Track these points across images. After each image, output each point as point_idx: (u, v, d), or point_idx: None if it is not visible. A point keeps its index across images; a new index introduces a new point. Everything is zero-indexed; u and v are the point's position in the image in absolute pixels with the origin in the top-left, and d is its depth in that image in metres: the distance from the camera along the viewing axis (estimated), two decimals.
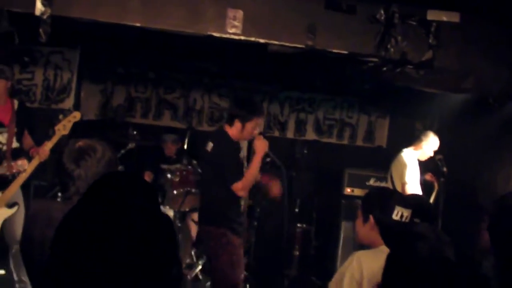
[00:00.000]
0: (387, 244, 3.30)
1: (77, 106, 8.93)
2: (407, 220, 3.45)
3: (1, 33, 6.85)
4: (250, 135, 5.67)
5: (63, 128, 5.69)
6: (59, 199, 7.25)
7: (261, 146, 5.58)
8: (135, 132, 8.13)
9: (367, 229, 3.57)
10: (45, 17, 5.91)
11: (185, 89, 9.76)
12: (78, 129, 6.04)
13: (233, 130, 5.58)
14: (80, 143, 3.23)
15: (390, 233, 3.39)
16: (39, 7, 5.89)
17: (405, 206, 3.49)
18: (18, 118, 6.04)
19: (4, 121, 5.96)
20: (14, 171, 5.80)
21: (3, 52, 8.67)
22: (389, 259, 2.44)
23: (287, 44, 6.20)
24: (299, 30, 6.16)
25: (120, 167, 7.18)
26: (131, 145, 7.86)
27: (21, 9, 5.97)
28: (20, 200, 5.95)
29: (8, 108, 6.01)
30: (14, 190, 5.77)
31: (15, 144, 6.01)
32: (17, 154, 5.96)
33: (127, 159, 7.82)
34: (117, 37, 7.65)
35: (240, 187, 5.45)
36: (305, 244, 8.53)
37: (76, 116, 5.78)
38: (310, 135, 10.14)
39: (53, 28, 5.95)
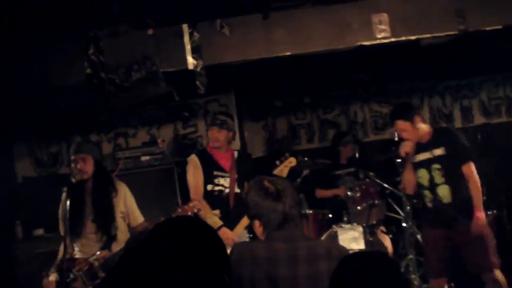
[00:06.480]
0: None
1: (243, 146, 9.12)
2: None
3: (161, 95, 7.20)
4: None
5: (279, 173, 5.98)
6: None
7: None
8: (306, 159, 8.18)
9: None
10: (198, 69, 6.15)
11: (343, 105, 9.79)
12: (250, 169, 6.28)
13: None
14: (265, 182, 3.38)
15: None
16: (190, 61, 6.13)
17: None
18: (238, 166, 6.43)
19: (225, 167, 6.36)
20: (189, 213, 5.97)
21: (164, 112, 9.10)
22: None
23: (439, 34, 6.11)
24: (447, 18, 6.03)
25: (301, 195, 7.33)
26: (305, 172, 7.91)
27: (174, 68, 6.26)
28: None
29: (228, 156, 6.45)
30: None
31: (236, 190, 6.35)
32: (239, 199, 6.26)
33: (304, 186, 7.92)
34: (267, 71, 7.79)
35: None
36: (500, 231, 8.24)
37: (292, 161, 6.05)
38: (479, 119, 9.82)
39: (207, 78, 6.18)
